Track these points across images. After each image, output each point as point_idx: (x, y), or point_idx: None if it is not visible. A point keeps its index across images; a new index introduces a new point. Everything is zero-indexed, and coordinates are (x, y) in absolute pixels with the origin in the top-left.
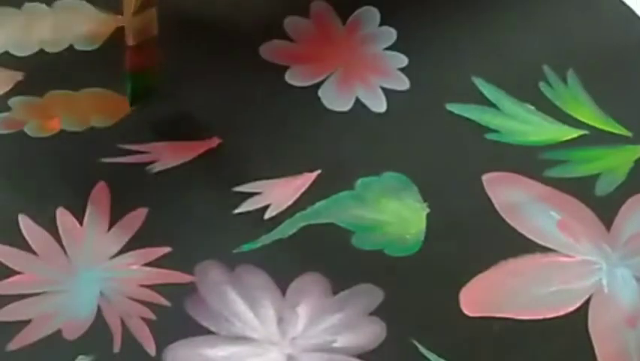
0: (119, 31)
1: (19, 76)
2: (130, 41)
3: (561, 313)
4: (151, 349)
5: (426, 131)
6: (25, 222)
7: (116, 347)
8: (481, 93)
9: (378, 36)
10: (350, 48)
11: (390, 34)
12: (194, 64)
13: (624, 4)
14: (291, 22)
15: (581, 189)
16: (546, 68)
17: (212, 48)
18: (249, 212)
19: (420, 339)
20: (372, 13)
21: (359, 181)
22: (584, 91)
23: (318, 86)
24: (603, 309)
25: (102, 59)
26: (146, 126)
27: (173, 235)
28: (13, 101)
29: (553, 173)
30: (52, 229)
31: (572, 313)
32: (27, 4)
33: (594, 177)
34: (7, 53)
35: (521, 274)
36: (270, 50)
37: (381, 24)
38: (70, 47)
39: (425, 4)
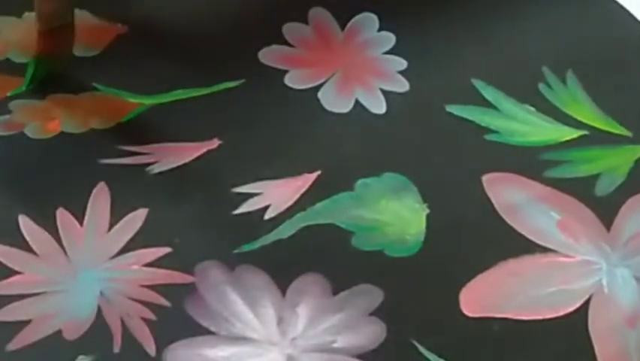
0: (119, 39)
1: (19, 81)
2: (40, 26)
3: (561, 313)
4: (151, 349)
5: (426, 133)
6: (25, 222)
7: (116, 347)
8: (481, 94)
9: (377, 41)
10: (349, 53)
11: (389, 39)
12: (194, 66)
13: (621, 7)
14: (290, 29)
15: (581, 189)
16: (545, 70)
17: (211, 53)
18: (249, 213)
19: (420, 339)
20: (371, 19)
21: (359, 182)
22: (583, 92)
23: (317, 88)
24: (603, 309)
25: (102, 64)
26: (146, 128)
27: (173, 235)
28: (13, 104)
29: (554, 173)
30: (52, 229)
31: (571, 313)
32: (27, 14)
33: (594, 177)
34: (8, 59)
35: (521, 274)
36: (269, 55)
37: (380, 29)
38: (70, 54)
39: (424, 8)
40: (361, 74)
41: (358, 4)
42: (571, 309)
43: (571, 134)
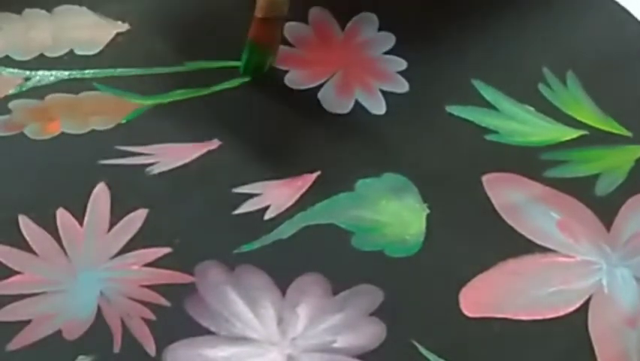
0: (119, 37)
1: (19, 79)
2: (259, 13)
3: (561, 313)
4: (151, 349)
5: (425, 133)
6: (25, 223)
7: (116, 347)
8: (481, 95)
9: (377, 41)
10: (349, 53)
11: (389, 39)
12: (193, 66)
13: (620, 6)
14: (290, 28)
15: (581, 189)
16: (545, 70)
17: (211, 52)
18: (249, 213)
19: (420, 339)
20: (371, 19)
21: (359, 182)
22: (583, 92)
23: (317, 89)
24: (603, 309)
25: (103, 62)
26: (146, 128)
27: (173, 235)
28: (13, 104)
29: (553, 173)
30: (52, 229)
31: (572, 313)
32: (27, 10)
33: (594, 177)
34: (7, 57)
35: (521, 274)
36: None
37: (380, 29)
38: (71, 52)
39: (424, 8)
40: (361, 75)
41: (358, 4)
42: (571, 309)
43: (571, 134)
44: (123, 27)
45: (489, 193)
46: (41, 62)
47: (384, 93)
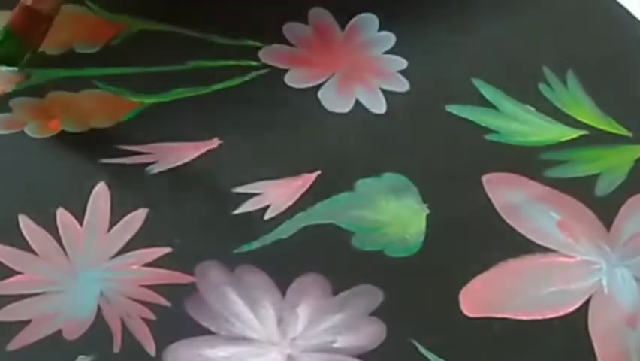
0: (119, 36)
1: (19, 77)
2: (27, 1)
3: (561, 313)
4: (151, 349)
5: (426, 132)
6: (25, 222)
7: (116, 347)
8: (481, 94)
9: (377, 41)
10: (349, 52)
11: (389, 39)
12: (194, 65)
13: (621, 6)
14: (290, 28)
15: (581, 189)
16: (545, 70)
17: (211, 52)
18: (249, 213)
19: (420, 339)
20: (371, 19)
21: (359, 182)
22: (583, 92)
23: (317, 88)
24: (603, 309)
25: (103, 61)
26: (146, 127)
27: (173, 235)
28: (13, 102)
29: (553, 173)
30: (52, 229)
31: (571, 313)
32: None
33: (594, 177)
34: None
35: (521, 274)
36: (269, 54)
37: (380, 29)
38: (71, 50)
39: (424, 8)
40: (361, 74)
41: (358, 5)
42: (571, 309)
43: (571, 134)
44: (123, 26)
45: (489, 193)
46: (41, 60)
47: (385, 92)
